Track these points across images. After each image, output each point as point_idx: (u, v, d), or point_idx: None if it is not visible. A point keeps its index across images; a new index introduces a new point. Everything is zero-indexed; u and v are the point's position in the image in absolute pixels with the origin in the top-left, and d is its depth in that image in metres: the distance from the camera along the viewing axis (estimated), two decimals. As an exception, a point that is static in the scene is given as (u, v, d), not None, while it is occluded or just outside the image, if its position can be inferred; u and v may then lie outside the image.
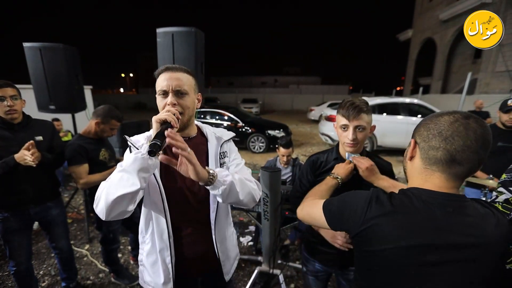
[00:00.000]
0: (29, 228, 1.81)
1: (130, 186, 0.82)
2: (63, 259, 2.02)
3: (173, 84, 0.94)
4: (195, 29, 2.24)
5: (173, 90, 0.95)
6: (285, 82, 40.21)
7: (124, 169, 0.83)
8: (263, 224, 1.89)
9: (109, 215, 0.84)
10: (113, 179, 0.85)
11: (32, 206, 1.74)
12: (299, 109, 22.61)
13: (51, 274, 2.37)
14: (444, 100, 11.20)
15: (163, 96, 0.96)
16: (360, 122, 1.11)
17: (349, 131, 1.13)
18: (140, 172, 0.83)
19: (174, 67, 0.98)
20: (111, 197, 0.81)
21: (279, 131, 7.30)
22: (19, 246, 1.73)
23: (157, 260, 1.05)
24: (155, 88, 0.99)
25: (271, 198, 1.68)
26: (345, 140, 1.16)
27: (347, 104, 1.14)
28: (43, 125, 1.82)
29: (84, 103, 2.95)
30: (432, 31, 15.34)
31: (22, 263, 1.76)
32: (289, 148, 2.51)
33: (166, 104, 0.95)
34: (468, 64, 14.07)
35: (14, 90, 1.60)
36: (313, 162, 1.33)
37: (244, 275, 2.39)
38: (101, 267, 2.45)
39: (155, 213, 1.03)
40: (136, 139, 1.01)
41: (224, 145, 1.14)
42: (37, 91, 2.63)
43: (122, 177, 0.83)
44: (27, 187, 1.68)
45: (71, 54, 2.65)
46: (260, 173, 1.64)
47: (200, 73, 2.40)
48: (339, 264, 1.30)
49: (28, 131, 1.69)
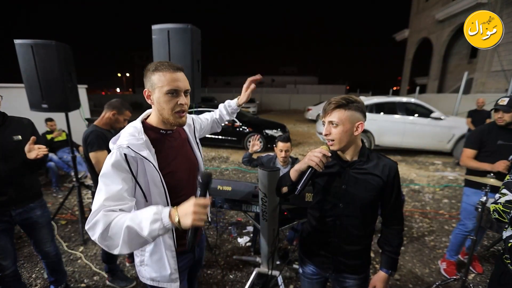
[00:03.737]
0: (11, 230, 1.72)
1: (143, 245, 0.85)
2: (49, 264, 1.94)
3: (185, 84, 1.00)
4: (191, 26, 2.19)
5: (184, 91, 1.01)
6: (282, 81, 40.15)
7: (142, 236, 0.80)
8: (261, 224, 1.84)
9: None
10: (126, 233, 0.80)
11: (13, 207, 1.66)
12: (297, 109, 22.60)
13: (43, 277, 2.30)
14: (441, 100, 11.24)
15: (173, 95, 0.98)
16: (333, 117, 1.07)
17: (324, 126, 1.13)
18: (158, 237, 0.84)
19: (180, 67, 1.01)
20: (119, 252, 0.82)
21: (276, 131, 7.27)
22: (2, 249, 1.63)
23: (161, 257, 1.07)
24: (154, 84, 0.98)
25: (269, 198, 1.64)
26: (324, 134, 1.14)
27: (326, 101, 1.13)
28: (21, 123, 1.70)
29: (78, 102, 2.88)
30: (428, 31, 15.42)
31: (7, 267, 1.66)
32: (287, 142, 2.38)
33: (176, 104, 0.99)
34: (464, 64, 14.17)
35: None
36: None
37: (242, 276, 2.34)
38: (96, 270, 2.39)
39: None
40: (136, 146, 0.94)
41: (195, 128, 1.31)
42: (29, 89, 2.56)
43: (136, 238, 0.81)
44: (8, 189, 1.61)
45: (64, 52, 2.58)
46: (259, 172, 1.60)
47: (197, 71, 2.35)
48: (333, 268, 1.25)
49: (5, 131, 1.59)
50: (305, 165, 1.07)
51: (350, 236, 1.19)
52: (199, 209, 0.80)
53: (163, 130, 1.08)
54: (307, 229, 1.32)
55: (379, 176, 1.13)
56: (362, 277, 1.26)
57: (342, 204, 1.16)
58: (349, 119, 1.07)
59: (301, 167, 1.09)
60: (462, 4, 11.77)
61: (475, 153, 2.17)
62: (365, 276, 1.28)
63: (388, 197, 1.17)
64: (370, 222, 1.22)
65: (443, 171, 5.67)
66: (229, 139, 7.42)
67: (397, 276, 2.42)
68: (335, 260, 1.23)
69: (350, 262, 1.22)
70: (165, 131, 1.09)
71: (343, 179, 1.15)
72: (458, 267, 2.47)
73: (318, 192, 1.23)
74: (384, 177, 1.13)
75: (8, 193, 1.61)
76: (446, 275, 2.39)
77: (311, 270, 1.32)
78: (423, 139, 6.50)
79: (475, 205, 1.86)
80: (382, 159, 1.17)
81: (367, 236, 1.23)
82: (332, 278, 1.31)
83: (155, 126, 1.06)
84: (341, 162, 1.18)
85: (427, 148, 6.68)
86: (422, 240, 3.00)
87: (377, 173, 1.13)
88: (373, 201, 1.15)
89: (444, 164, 6.16)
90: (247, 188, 1.87)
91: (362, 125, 1.10)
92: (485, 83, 11.08)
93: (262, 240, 1.96)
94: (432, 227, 3.29)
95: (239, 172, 5.53)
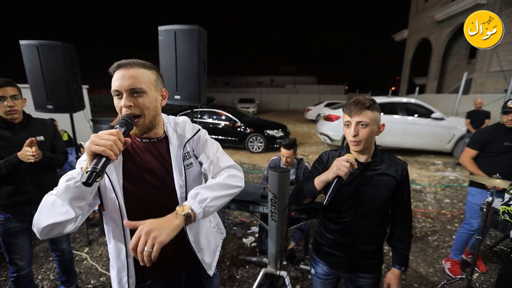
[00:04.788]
0: (30, 230, 1.74)
1: (63, 215, 0.74)
2: (63, 262, 1.97)
3: (125, 83, 0.82)
4: (198, 27, 2.20)
5: (126, 90, 0.82)
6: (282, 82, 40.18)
7: (57, 194, 0.76)
8: (269, 225, 1.85)
9: (44, 237, 0.78)
10: (46, 202, 0.76)
11: (34, 207, 1.67)
12: (296, 109, 22.64)
13: (50, 279, 2.30)
14: (440, 100, 11.30)
15: (118, 97, 0.85)
16: (362, 118, 1.07)
17: (351, 127, 1.10)
18: (74, 201, 0.76)
19: (128, 63, 0.84)
20: (41, 224, 0.74)
21: (277, 131, 7.28)
22: (20, 249, 1.67)
23: (115, 277, 0.96)
24: None
25: (279, 198, 1.65)
26: (349, 137, 1.13)
27: (351, 101, 1.12)
28: (44, 125, 1.79)
29: (82, 103, 2.88)
30: (427, 32, 15.48)
31: (23, 268, 1.69)
32: (290, 150, 2.43)
33: (121, 107, 0.84)
34: (463, 64, 14.24)
35: (15, 89, 1.55)
36: (324, 156, 1.31)
37: (248, 276, 2.35)
38: (102, 271, 2.39)
39: (114, 231, 0.92)
40: None
41: (187, 145, 1.00)
42: (34, 90, 2.55)
43: (55, 202, 0.75)
44: (30, 187, 1.65)
45: (69, 52, 2.58)
46: (268, 173, 1.61)
47: (203, 72, 2.35)
48: (347, 267, 1.27)
49: (28, 131, 1.65)
50: (334, 175, 1.05)
51: (366, 236, 1.21)
52: (100, 135, 0.70)
53: (138, 138, 0.95)
54: (320, 230, 1.33)
55: (393, 176, 1.16)
56: (375, 276, 1.29)
57: (359, 205, 1.18)
58: (375, 120, 1.10)
59: (328, 178, 1.08)
60: (462, 4, 11.82)
61: (475, 153, 2.20)
62: (378, 275, 1.31)
63: (401, 196, 1.20)
64: (385, 222, 1.25)
65: (444, 171, 5.70)
66: (230, 139, 7.43)
67: (402, 276, 2.43)
68: (350, 260, 1.24)
69: (365, 262, 1.24)
70: (140, 139, 0.95)
71: (359, 180, 1.16)
72: (462, 266, 2.49)
73: None
74: (397, 177, 1.16)
75: (28, 192, 1.64)
76: (451, 275, 2.41)
77: (324, 270, 1.34)
78: (423, 139, 6.54)
79: (480, 205, 1.88)
80: (393, 160, 1.21)
81: (382, 236, 1.25)
82: (346, 278, 1.33)
83: (132, 134, 0.90)
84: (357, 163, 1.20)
85: (427, 148, 6.71)
86: (425, 240, 3.02)
87: (391, 173, 1.16)
88: (388, 201, 1.18)
89: (445, 164, 6.19)
90: (255, 189, 1.88)
91: (384, 126, 1.15)
92: (484, 84, 11.14)
93: (269, 241, 1.97)
94: (435, 227, 3.32)
95: (241, 173, 5.53)
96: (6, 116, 1.54)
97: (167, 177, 0.95)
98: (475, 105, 5.76)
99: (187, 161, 0.98)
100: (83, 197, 0.77)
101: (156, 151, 0.96)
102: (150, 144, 0.96)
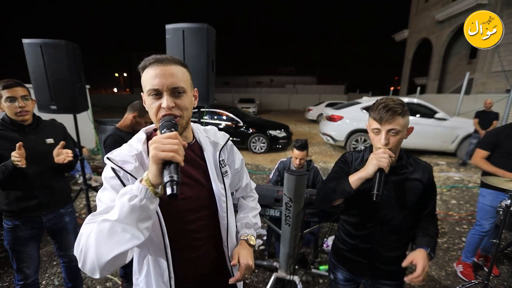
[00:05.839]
0: (39, 237, 1.70)
1: (130, 241, 0.63)
2: (70, 268, 1.91)
3: (167, 82, 0.74)
4: (206, 25, 2.15)
5: (169, 89, 0.74)
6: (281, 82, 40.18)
7: (118, 220, 0.62)
8: (283, 229, 1.80)
9: (104, 274, 0.66)
10: (101, 231, 0.62)
11: (44, 213, 1.64)
12: (296, 109, 22.60)
13: (54, 284, 2.24)
14: (441, 100, 11.28)
15: (156, 96, 0.75)
16: (394, 125, 1.01)
17: (381, 135, 1.04)
18: (141, 222, 0.64)
19: (166, 59, 0.76)
20: (105, 258, 0.62)
21: (280, 131, 7.23)
22: (28, 257, 1.61)
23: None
24: (142, 84, 0.78)
25: (294, 202, 1.60)
26: (377, 145, 1.06)
27: (380, 107, 1.04)
28: (54, 127, 1.75)
29: (86, 103, 2.82)
30: (428, 32, 15.48)
31: (30, 276, 1.63)
32: (303, 151, 2.41)
33: (160, 108, 0.74)
34: (464, 64, 14.24)
35: (24, 90, 1.51)
36: (348, 157, 1.26)
37: (258, 281, 2.30)
38: (108, 276, 2.33)
39: (153, 252, 0.81)
40: (121, 158, 0.75)
41: (222, 153, 0.94)
42: (37, 90, 2.49)
43: (114, 229, 0.62)
44: (40, 192, 1.59)
45: (73, 51, 2.52)
46: (285, 176, 1.56)
47: (211, 72, 2.30)
48: (370, 274, 1.23)
49: (38, 133, 1.60)
50: (375, 167, 0.99)
51: (390, 242, 1.16)
52: (162, 140, 0.63)
53: None
54: (341, 235, 1.29)
55: (420, 180, 1.12)
56: (398, 283, 1.24)
57: (384, 210, 1.13)
58: (406, 125, 1.05)
59: (368, 173, 1.01)
60: (463, 4, 11.82)
61: (487, 154, 2.17)
62: (401, 282, 1.25)
63: (428, 200, 1.17)
64: (411, 228, 1.19)
65: (448, 172, 5.67)
66: (233, 139, 7.34)
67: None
68: (373, 266, 1.20)
69: (388, 268, 1.20)
70: None
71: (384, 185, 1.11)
72: (474, 269, 2.45)
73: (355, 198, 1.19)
74: (424, 181, 1.12)
75: (38, 197, 1.58)
76: (463, 278, 2.37)
77: (344, 276, 1.29)
78: (426, 139, 6.50)
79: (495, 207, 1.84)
80: (419, 163, 1.17)
81: (406, 243, 1.21)
82: (367, 284, 1.28)
83: None
84: None
85: (430, 149, 6.69)
86: (435, 242, 2.98)
87: (418, 177, 1.12)
88: (415, 205, 1.13)
89: (448, 165, 6.17)
90: (268, 192, 1.83)
91: (412, 128, 1.09)
92: (486, 84, 11.13)
93: (281, 245, 1.92)
94: (443, 229, 3.28)
95: (245, 173, 5.47)
96: (17, 118, 1.49)
97: (203, 184, 0.88)
98: (484, 105, 5.71)
99: (223, 168, 0.92)
100: (150, 215, 0.66)
101: (189, 156, 0.84)
102: None
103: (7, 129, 1.51)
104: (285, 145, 7.27)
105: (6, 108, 1.48)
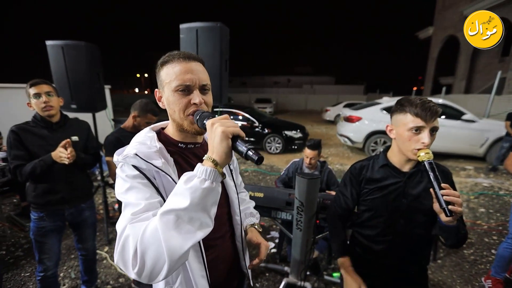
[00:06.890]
0: (61, 231, 1.78)
1: (200, 230, 0.59)
2: (86, 261, 1.98)
3: (199, 78, 0.74)
4: (220, 24, 2.12)
5: (199, 85, 0.74)
6: (298, 82, 39.75)
7: (188, 208, 0.57)
8: (294, 234, 1.74)
9: (169, 274, 0.58)
10: (167, 223, 0.57)
11: (67, 207, 1.72)
12: (313, 109, 22.26)
13: (71, 277, 2.31)
14: (469, 101, 10.61)
15: (184, 92, 0.73)
16: (436, 123, 0.96)
17: (424, 134, 0.95)
18: (212, 207, 0.62)
19: (192, 56, 0.76)
20: (180, 250, 0.56)
21: (296, 132, 7.12)
22: (49, 249, 1.69)
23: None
24: (162, 80, 0.76)
25: (306, 206, 1.53)
26: (417, 145, 0.96)
27: (419, 104, 0.95)
28: (80, 125, 1.84)
29: (104, 103, 2.90)
30: (455, 28, 14.65)
31: (50, 268, 1.71)
32: (315, 150, 2.33)
33: (190, 104, 0.74)
34: (495, 62, 13.33)
35: (49, 87, 1.60)
36: (356, 170, 1.17)
37: (268, 285, 2.24)
38: (121, 271, 2.37)
39: (190, 257, 0.76)
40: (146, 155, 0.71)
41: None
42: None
43: (181, 219, 0.57)
44: (63, 187, 1.67)
45: (93, 52, 2.60)
46: (297, 179, 1.49)
47: (225, 71, 2.28)
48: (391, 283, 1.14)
49: (65, 131, 1.69)
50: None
51: (409, 255, 1.07)
52: (221, 120, 0.64)
53: (182, 144, 0.82)
54: (355, 249, 1.20)
55: None
56: None
57: (403, 220, 1.04)
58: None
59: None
60: (494, -1, 11.08)
61: None
62: None
63: None
64: (431, 239, 1.09)
65: (476, 177, 5.30)
66: (248, 139, 7.34)
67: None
68: (390, 281, 1.10)
69: (407, 283, 1.10)
70: (184, 145, 0.83)
71: (403, 192, 1.02)
72: (505, 285, 2.24)
73: (371, 208, 1.11)
74: None
75: (61, 192, 1.67)
76: (493, 295, 2.18)
77: None
78: (453, 142, 6.12)
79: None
80: (439, 167, 1.06)
81: (427, 255, 1.10)
82: None
83: (171, 137, 0.83)
84: (398, 173, 1.06)
85: (457, 152, 6.29)
86: (460, 254, 2.78)
87: None
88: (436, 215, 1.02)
89: (477, 170, 5.77)
90: (280, 195, 1.77)
91: None
92: (520, 83, 10.36)
93: (293, 250, 1.86)
94: (470, 239, 3.04)
95: (259, 174, 5.44)
96: (43, 113, 1.58)
97: None
98: None
99: (231, 165, 0.94)
100: (217, 199, 0.64)
101: (202, 156, 0.78)
102: (195, 149, 0.86)
103: (37, 126, 1.61)
104: (301, 146, 7.14)
105: (34, 105, 1.58)
